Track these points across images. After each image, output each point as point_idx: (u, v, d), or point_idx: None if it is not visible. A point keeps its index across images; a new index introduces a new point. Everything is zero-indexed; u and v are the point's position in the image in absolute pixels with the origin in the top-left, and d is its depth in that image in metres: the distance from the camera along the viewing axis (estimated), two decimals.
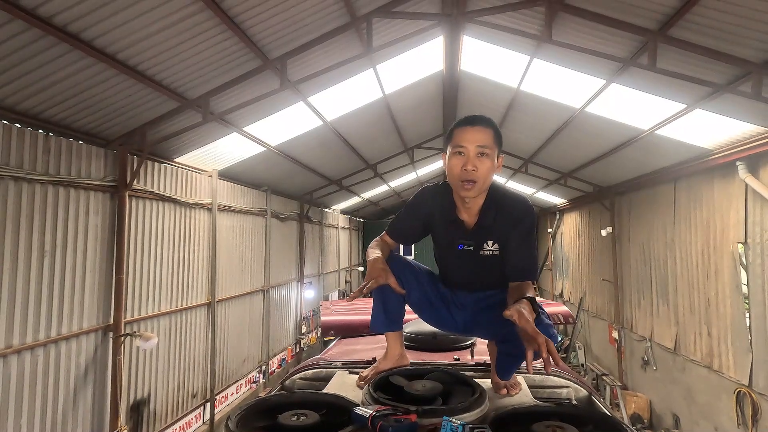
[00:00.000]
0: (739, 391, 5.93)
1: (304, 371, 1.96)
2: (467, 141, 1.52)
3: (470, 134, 1.53)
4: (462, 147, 1.53)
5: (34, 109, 4.10)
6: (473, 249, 1.64)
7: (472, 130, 1.54)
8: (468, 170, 1.50)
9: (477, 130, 1.53)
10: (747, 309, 5.88)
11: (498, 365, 1.64)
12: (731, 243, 6.16)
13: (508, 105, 7.57)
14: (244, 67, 4.93)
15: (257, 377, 9.43)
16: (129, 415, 5.54)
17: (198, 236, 7.17)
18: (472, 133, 1.53)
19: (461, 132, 1.55)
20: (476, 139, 1.52)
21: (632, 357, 9.54)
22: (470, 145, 1.52)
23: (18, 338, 4.08)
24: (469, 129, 1.54)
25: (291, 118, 6.85)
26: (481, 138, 1.52)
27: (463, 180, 1.52)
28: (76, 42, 3.54)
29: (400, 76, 6.94)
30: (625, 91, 5.55)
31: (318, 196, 12.23)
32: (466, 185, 1.52)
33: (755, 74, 4.00)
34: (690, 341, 7.21)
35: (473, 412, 1.32)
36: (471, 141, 1.52)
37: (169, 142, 5.78)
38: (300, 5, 4.36)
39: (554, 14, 4.51)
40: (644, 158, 7.41)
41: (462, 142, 1.53)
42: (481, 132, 1.53)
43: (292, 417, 1.24)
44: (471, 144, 1.52)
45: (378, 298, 1.75)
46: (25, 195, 4.15)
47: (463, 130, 1.55)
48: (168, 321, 6.40)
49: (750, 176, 5.56)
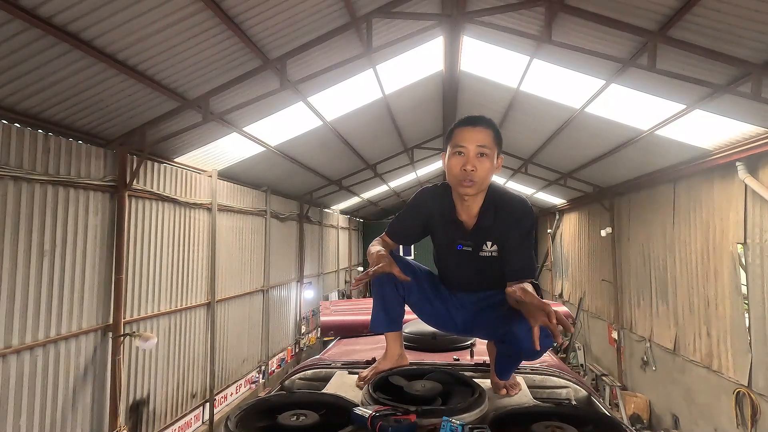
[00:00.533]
0: (739, 392, 5.93)
1: (304, 371, 1.95)
2: (467, 141, 1.53)
3: (470, 134, 1.54)
4: (462, 147, 1.53)
5: (34, 108, 4.10)
6: (472, 250, 1.64)
7: (473, 131, 1.54)
8: (467, 170, 1.51)
9: (477, 131, 1.54)
10: (746, 310, 5.89)
11: (497, 365, 1.64)
12: (731, 243, 6.16)
13: (507, 105, 7.58)
14: (244, 67, 4.93)
15: (257, 377, 9.43)
16: (128, 415, 5.53)
17: (198, 236, 7.17)
18: (473, 133, 1.54)
19: (461, 132, 1.55)
20: (476, 139, 1.53)
21: (632, 357, 9.55)
22: (470, 145, 1.52)
23: (17, 338, 4.08)
24: (469, 129, 1.55)
25: (291, 118, 6.85)
26: (481, 138, 1.53)
27: (463, 179, 1.52)
28: (75, 42, 3.54)
29: (400, 76, 6.94)
30: (624, 91, 5.55)
31: (318, 197, 12.23)
32: (465, 184, 1.52)
33: (755, 75, 4.00)
34: (689, 342, 7.22)
35: (473, 413, 1.32)
36: (471, 141, 1.52)
37: (169, 142, 5.77)
38: (300, 5, 4.37)
39: (554, 15, 4.51)
40: (644, 159, 7.41)
41: (462, 142, 1.53)
42: (481, 132, 1.54)
43: (292, 417, 1.24)
44: (471, 144, 1.52)
45: (378, 298, 1.75)
46: (24, 195, 4.15)
47: (464, 130, 1.55)
48: (167, 321, 6.39)
49: (749, 177, 5.56)
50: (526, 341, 1.45)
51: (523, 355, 1.55)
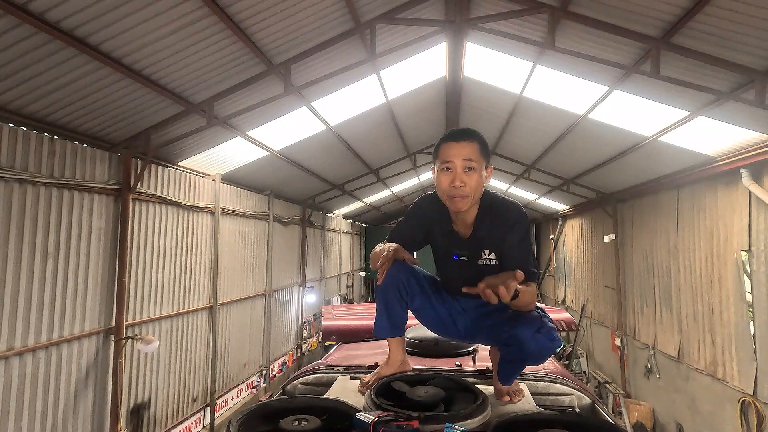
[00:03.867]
0: (744, 401, 5.87)
1: (306, 376, 1.95)
2: (453, 156, 1.53)
3: (456, 149, 1.54)
4: (449, 163, 1.54)
5: (40, 112, 4.14)
6: (468, 260, 1.65)
7: (458, 146, 1.54)
8: (456, 186, 1.51)
9: (462, 146, 1.54)
10: (751, 317, 5.84)
11: (500, 370, 1.64)
12: (735, 251, 6.13)
13: (510, 111, 7.59)
14: (249, 72, 4.97)
15: (258, 382, 9.40)
16: (129, 419, 5.52)
17: (200, 240, 7.18)
18: (458, 148, 1.54)
19: (447, 148, 1.56)
20: (462, 153, 1.53)
21: (635, 365, 9.48)
22: (456, 160, 1.52)
23: (20, 340, 4.09)
24: (454, 144, 1.55)
25: (294, 123, 6.88)
26: (467, 152, 1.53)
27: (452, 196, 1.53)
28: (82, 46, 3.58)
29: (403, 81, 6.97)
30: (627, 97, 5.56)
31: (320, 201, 12.25)
32: (455, 200, 1.53)
33: (758, 82, 4.00)
34: (693, 349, 7.16)
35: (475, 419, 1.32)
36: (457, 156, 1.53)
37: (173, 145, 5.81)
38: (305, 11, 4.40)
39: (557, 21, 4.52)
40: (647, 165, 7.40)
41: (448, 157, 1.54)
42: (467, 147, 1.54)
43: (294, 422, 1.24)
44: (457, 159, 1.52)
45: (381, 304, 1.75)
46: (29, 197, 4.18)
47: (449, 145, 1.56)
48: (169, 324, 6.40)
49: (754, 183, 5.54)
50: (529, 344, 1.45)
51: (526, 360, 1.55)
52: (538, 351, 1.48)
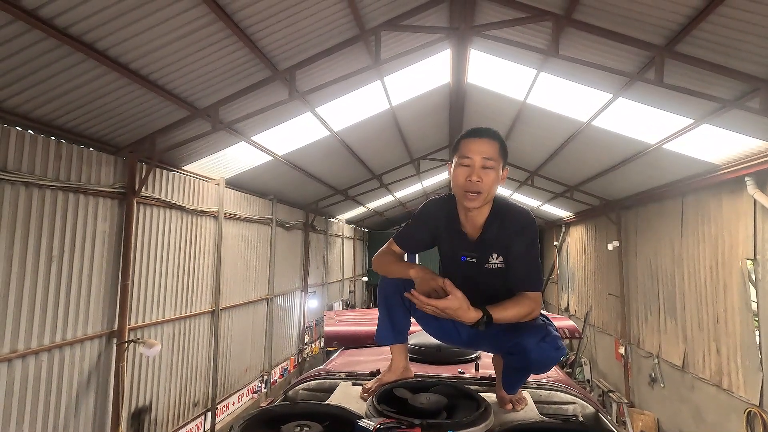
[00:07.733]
0: (750, 411, 5.80)
1: (308, 382, 1.95)
2: (473, 152, 1.54)
3: (476, 146, 1.55)
4: (468, 158, 1.55)
5: (47, 116, 4.18)
6: (476, 261, 1.64)
7: (479, 142, 1.56)
8: (473, 181, 1.52)
9: (483, 142, 1.56)
10: (757, 327, 5.79)
11: (504, 379, 1.63)
12: (740, 259, 6.08)
13: (514, 118, 7.59)
14: (254, 78, 5.00)
15: (259, 387, 9.37)
16: (130, 423, 5.51)
17: (204, 244, 7.20)
18: (479, 144, 1.56)
19: (468, 143, 1.57)
20: (482, 150, 1.54)
21: (639, 374, 9.39)
22: (476, 156, 1.54)
23: (23, 343, 4.10)
24: (475, 141, 1.57)
25: (298, 128, 6.91)
26: (486, 150, 1.55)
27: (468, 191, 1.53)
28: (89, 51, 3.62)
29: (408, 88, 6.99)
30: (632, 105, 5.55)
31: (323, 206, 12.27)
32: (470, 195, 1.54)
33: (763, 90, 3.99)
34: (698, 359, 7.09)
35: (478, 427, 1.31)
36: (477, 152, 1.54)
37: (178, 150, 5.84)
38: (310, 18, 4.43)
39: (561, 29, 4.54)
40: (651, 172, 7.38)
41: (468, 153, 1.55)
42: (487, 144, 1.56)
43: (296, 428, 1.24)
44: (477, 155, 1.54)
45: (384, 310, 1.75)
46: (35, 200, 4.21)
47: (470, 141, 1.57)
48: (172, 328, 6.40)
49: (758, 192, 5.51)
50: (534, 352, 1.44)
51: (531, 368, 1.54)
52: (542, 360, 1.47)
